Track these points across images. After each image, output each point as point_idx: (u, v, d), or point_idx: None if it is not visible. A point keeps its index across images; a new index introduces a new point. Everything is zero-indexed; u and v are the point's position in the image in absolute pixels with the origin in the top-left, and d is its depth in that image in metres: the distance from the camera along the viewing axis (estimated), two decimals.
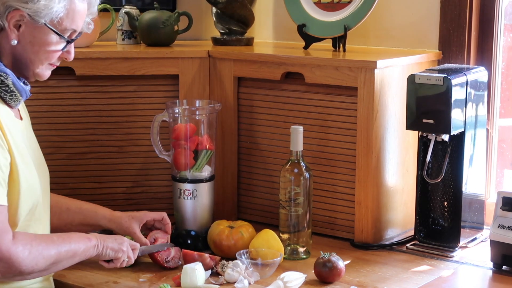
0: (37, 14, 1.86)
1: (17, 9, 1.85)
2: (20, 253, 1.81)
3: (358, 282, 2.13)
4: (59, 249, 1.90)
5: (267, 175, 2.61)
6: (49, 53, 1.93)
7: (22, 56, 1.91)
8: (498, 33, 2.54)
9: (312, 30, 2.63)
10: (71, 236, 1.96)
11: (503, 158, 2.64)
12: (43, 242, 1.87)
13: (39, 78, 1.97)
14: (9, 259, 1.79)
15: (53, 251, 1.88)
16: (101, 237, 2.02)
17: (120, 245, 2.04)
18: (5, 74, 1.87)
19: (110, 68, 2.58)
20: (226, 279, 2.13)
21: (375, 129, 2.36)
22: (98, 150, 2.62)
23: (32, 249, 1.83)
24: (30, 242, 1.84)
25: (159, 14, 2.72)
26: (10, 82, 1.88)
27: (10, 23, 1.86)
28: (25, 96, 1.94)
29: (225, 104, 2.59)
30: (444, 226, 2.38)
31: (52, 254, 1.88)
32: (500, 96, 2.58)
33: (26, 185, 1.90)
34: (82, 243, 1.96)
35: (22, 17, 1.87)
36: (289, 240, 2.33)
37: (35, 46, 1.90)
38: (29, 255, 1.82)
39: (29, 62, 1.92)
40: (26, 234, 1.88)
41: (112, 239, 2.04)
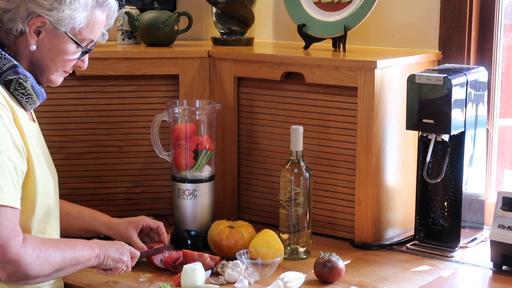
0: (59, 23, 1.88)
1: (40, 15, 1.86)
2: (28, 256, 1.81)
3: (358, 282, 2.13)
4: (64, 256, 1.90)
5: (267, 175, 2.61)
6: (65, 61, 1.95)
7: (39, 61, 1.92)
8: (498, 33, 2.54)
9: (312, 30, 2.63)
10: (76, 244, 1.96)
11: (503, 158, 2.64)
12: (51, 248, 1.87)
13: (52, 84, 1.99)
14: (17, 262, 1.79)
15: (59, 257, 1.89)
16: (104, 246, 2.02)
17: (121, 255, 2.04)
18: (24, 77, 1.88)
19: (110, 68, 2.58)
20: (226, 279, 2.13)
21: (375, 129, 2.36)
22: (98, 150, 2.62)
23: (40, 254, 1.84)
24: (39, 246, 1.84)
25: (159, 14, 2.72)
26: (29, 85, 1.89)
27: (31, 28, 1.87)
28: (42, 99, 1.96)
29: (225, 104, 2.59)
30: (444, 226, 2.38)
31: (57, 261, 1.88)
32: (500, 96, 2.58)
33: (43, 189, 1.91)
34: (85, 252, 1.96)
35: (44, 24, 1.88)
36: (289, 240, 2.33)
37: (52, 53, 1.92)
38: (37, 260, 1.83)
39: (45, 68, 1.93)
40: (36, 238, 1.88)
41: (114, 248, 2.04)
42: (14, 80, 1.86)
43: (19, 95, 1.89)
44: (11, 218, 1.79)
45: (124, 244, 2.09)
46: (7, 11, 1.87)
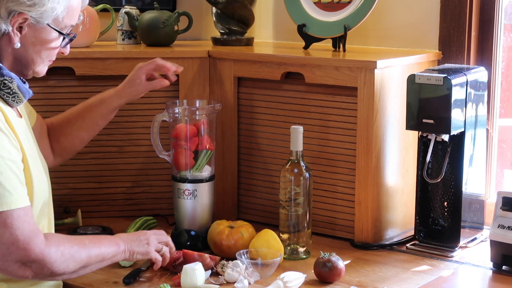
0: (41, 17, 1.88)
1: (21, 13, 1.86)
2: (52, 255, 1.82)
3: (358, 282, 2.13)
4: (90, 253, 1.92)
5: (267, 175, 2.61)
6: (50, 50, 1.95)
7: (23, 57, 1.92)
8: (498, 33, 2.54)
9: (312, 30, 2.63)
10: (101, 241, 1.99)
11: (503, 158, 2.64)
12: (75, 245, 1.89)
13: (37, 75, 1.99)
14: (42, 261, 1.81)
15: (84, 255, 1.90)
16: (128, 241, 2.04)
17: (147, 246, 2.06)
18: (10, 79, 1.88)
19: (110, 68, 2.58)
20: (226, 279, 2.13)
21: (375, 129, 2.36)
22: (98, 150, 2.62)
23: (65, 251, 1.86)
24: (62, 244, 1.86)
25: (159, 14, 2.72)
26: (15, 85, 1.89)
27: (14, 27, 1.87)
28: (28, 96, 1.95)
29: (225, 104, 2.59)
30: (444, 226, 2.38)
31: (82, 258, 1.90)
32: (500, 96, 2.58)
33: (37, 183, 1.92)
34: (111, 249, 1.98)
35: (25, 20, 1.88)
36: (289, 240, 2.33)
37: (36, 46, 1.92)
38: (61, 257, 1.84)
39: (30, 62, 1.94)
40: (58, 235, 1.90)
41: (137, 241, 2.06)
42: None
43: (4, 95, 1.89)
44: (26, 218, 1.81)
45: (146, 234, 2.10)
46: None
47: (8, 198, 1.77)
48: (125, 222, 2.54)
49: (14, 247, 1.78)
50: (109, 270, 2.20)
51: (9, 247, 1.78)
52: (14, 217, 1.78)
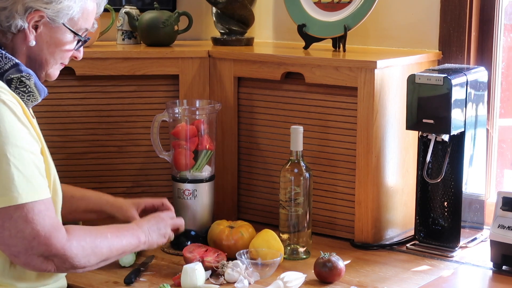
0: (57, 15, 1.88)
1: (38, 10, 1.86)
2: (74, 249, 1.83)
3: (358, 282, 2.13)
4: (111, 247, 1.93)
5: (267, 175, 2.61)
6: (64, 52, 1.95)
7: (37, 56, 1.92)
8: (498, 33, 2.54)
9: (312, 30, 2.63)
10: (123, 234, 1.98)
11: (503, 158, 2.64)
12: (98, 239, 1.89)
13: (49, 78, 1.98)
14: (63, 255, 1.81)
15: (105, 249, 1.91)
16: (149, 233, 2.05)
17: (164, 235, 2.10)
18: (27, 75, 1.87)
19: (110, 68, 2.58)
20: (226, 279, 2.13)
21: (375, 129, 2.36)
22: (98, 150, 2.62)
23: (86, 246, 1.86)
24: (84, 238, 1.86)
25: (159, 14, 2.72)
26: (32, 82, 1.88)
27: (30, 24, 1.87)
28: (43, 95, 1.95)
29: (225, 104, 2.59)
30: (444, 226, 2.38)
31: (104, 252, 1.90)
32: (500, 96, 2.58)
33: (53, 178, 1.93)
34: (133, 242, 2.00)
35: (41, 18, 1.88)
36: (289, 240, 2.33)
37: (51, 46, 1.92)
38: (83, 252, 1.85)
39: (44, 63, 1.93)
40: (80, 228, 1.89)
41: (157, 231, 2.08)
42: (15, 78, 1.86)
43: (20, 93, 1.89)
44: (47, 212, 1.80)
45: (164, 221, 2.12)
46: (3, 9, 1.86)
47: (28, 190, 1.76)
48: None
49: (36, 242, 1.78)
50: (109, 270, 2.20)
51: (31, 242, 1.78)
52: (35, 211, 1.77)
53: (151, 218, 2.12)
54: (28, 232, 1.77)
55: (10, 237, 1.77)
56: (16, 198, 1.75)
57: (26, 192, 1.76)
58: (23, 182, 1.75)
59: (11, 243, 1.77)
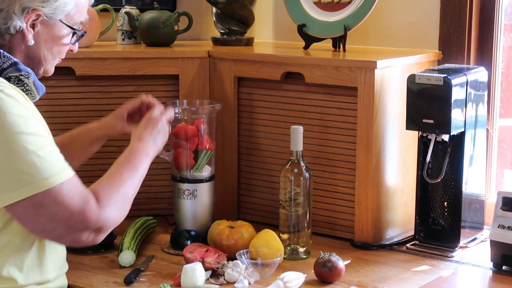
0: (54, 12, 1.89)
1: (35, 9, 1.87)
2: (109, 212, 1.85)
3: (358, 282, 2.13)
4: (134, 184, 1.95)
5: (267, 175, 2.61)
6: (61, 46, 1.95)
7: (36, 54, 1.92)
8: (498, 33, 2.54)
9: (312, 30, 2.63)
10: (136, 162, 1.99)
11: (503, 158, 2.64)
12: (120, 188, 1.91)
13: (47, 74, 1.99)
14: (103, 223, 1.84)
15: (131, 189, 1.94)
16: (153, 142, 2.08)
17: (165, 134, 2.12)
18: (26, 74, 1.88)
19: (110, 68, 2.58)
20: (226, 279, 2.13)
21: (375, 129, 2.36)
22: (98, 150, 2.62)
23: (117, 202, 1.88)
24: (112, 197, 1.88)
25: (159, 14, 2.72)
26: (31, 81, 1.89)
27: (28, 23, 1.87)
28: (42, 93, 1.95)
29: (225, 104, 2.59)
30: (444, 226, 2.38)
31: (131, 194, 1.94)
32: (500, 96, 2.58)
33: None
34: (146, 161, 2.02)
35: (38, 17, 1.88)
36: (289, 240, 2.33)
37: (48, 43, 1.92)
38: (116, 209, 1.88)
39: (42, 60, 1.94)
40: (103, 189, 1.89)
41: (156, 132, 2.09)
42: (13, 77, 1.86)
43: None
44: (75, 189, 1.81)
45: (161, 122, 2.12)
46: (0, 11, 1.86)
47: (54, 172, 1.77)
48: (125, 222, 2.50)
49: (72, 221, 1.79)
50: (109, 270, 2.21)
51: (68, 222, 1.79)
52: (64, 192, 1.78)
53: (146, 124, 2.11)
54: (61, 214, 1.78)
55: (47, 223, 1.78)
56: (43, 183, 1.76)
57: (51, 175, 1.77)
58: (46, 166, 1.76)
59: (49, 228, 1.79)
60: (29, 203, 1.75)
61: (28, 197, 1.75)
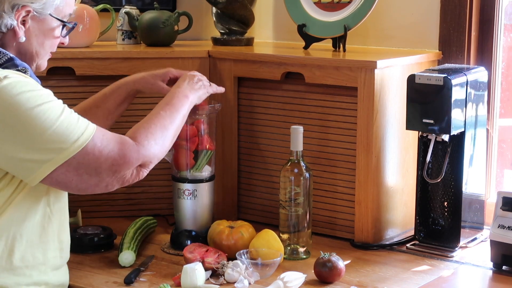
0: (43, 7, 1.90)
1: (24, 5, 1.87)
2: (149, 149, 1.90)
3: (358, 282, 2.13)
4: (172, 120, 2.02)
5: (267, 175, 2.61)
6: (52, 40, 1.96)
7: (27, 50, 1.93)
8: (498, 33, 2.54)
9: (312, 30, 2.63)
10: (172, 102, 2.06)
11: (503, 158, 2.64)
12: (157, 123, 1.97)
13: (39, 69, 2.00)
14: (144, 159, 1.90)
15: (171, 126, 2.01)
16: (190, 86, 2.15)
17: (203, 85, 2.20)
18: (23, 69, 1.88)
19: (110, 68, 2.58)
20: (226, 279, 2.13)
21: (375, 129, 2.36)
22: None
23: (156, 137, 1.94)
24: (147, 132, 1.93)
25: (159, 14, 2.72)
26: (28, 76, 1.89)
27: (18, 21, 1.88)
28: None
29: (225, 104, 2.59)
30: (444, 226, 2.38)
31: (170, 128, 2.00)
32: (500, 96, 2.58)
33: None
34: (183, 102, 2.08)
35: (28, 13, 1.88)
36: (289, 240, 2.33)
37: (40, 38, 1.93)
38: (155, 143, 1.93)
39: (34, 55, 1.95)
40: (137, 128, 1.94)
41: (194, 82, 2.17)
42: None
43: None
44: (104, 137, 1.85)
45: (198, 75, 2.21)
46: None
47: (81, 131, 1.81)
48: (125, 222, 2.54)
49: (116, 166, 1.84)
50: (109, 270, 2.21)
51: (112, 168, 1.84)
52: (97, 144, 1.82)
53: (184, 77, 2.19)
54: (104, 163, 1.83)
55: (91, 178, 1.83)
56: (77, 144, 1.79)
57: (80, 135, 1.80)
58: (72, 129, 1.80)
59: (95, 181, 1.84)
60: (68, 167, 1.80)
61: (66, 161, 1.79)
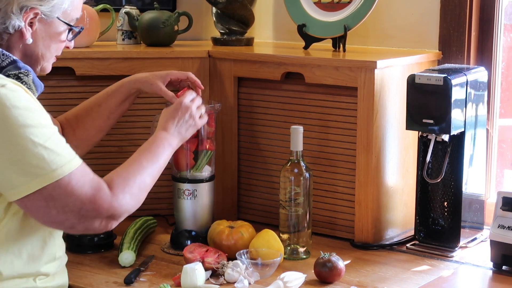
0: (52, 10, 1.89)
1: (33, 7, 1.87)
2: (122, 200, 1.84)
3: (358, 282, 2.13)
4: (153, 174, 1.96)
5: (267, 175, 2.61)
6: (58, 44, 1.96)
7: (33, 52, 1.92)
8: (498, 33, 2.54)
9: (312, 30, 2.63)
10: (157, 152, 2.00)
11: (503, 158, 2.64)
12: (137, 175, 1.91)
13: (44, 72, 1.99)
14: (115, 210, 1.83)
15: (149, 179, 1.94)
16: (178, 132, 2.09)
17: (193, 122, 2.13)
18: (26, 71, 1.87)
19: (110, 68, 2.58)
20: (226, 279, 2.13)
21: (375, 129, 2.36)
22: (98, 150, 2.62)
23: (132, 190, 1.87)
24: (127, 184, 1.87)
25: (159, 14, 2.72)
26: (30, 79, 1.88)
27: (26, 22, 1.87)
28: (40, 90, 1.95)
29: (225, 104, 2.59)
30: (444, 226, 2.38)
31: (148, 183, 1.93)
32: (500, 96, 2.58)
33: None
34: (168, 153, 2.03)
35: (36, 15, 1.88)
36: (289, 240, 2.33)
37: (46, 41, 1.92)
38: (131, 197, 1.86)
39: (40, 57, 1.94)
40: (118, 176, 1.89)
41: (185, 124, 2.11)
42: (12, 75, 1.85)
43: None
44: (84, 178, 1.80)
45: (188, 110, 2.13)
46: None
47: (62, 163, 1.77)
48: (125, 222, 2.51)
49: (84, 210, 1.79)
50: (109, 270, 2.21)
51: (80, 211, 1.79)
52: (73, 182, 1.78)
53: (174, 112, 2.12)
54: (73, 204, 1.78)
55: (58, 214, 1.78)
56: (52, 175, 1.75)
57: (60, 166, 1.76)
58: (53, 157, 1.76)
59: (61, 219, 1.79)
60: (39, 195, 1.76)
61: (38, 190, 1.75)
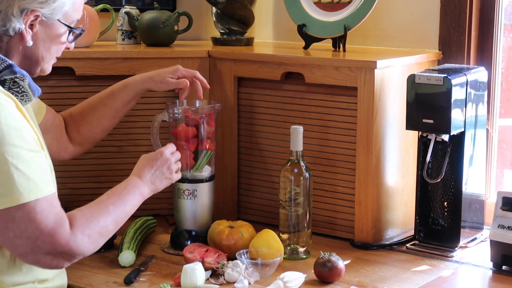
0: (52, 13, 1.89)
1: (33, 10, 1.86)
2: (79, 241, 1.80)
3: (358, 282, 2.13)
4: (117, 220, 1.91)
5: (267, 175, 2.61)
6: (59, 45, 1.96)
7: (33, 54, 1.92)
8: (498, 33, 2.54)
9: (312, 30, 2.63)
10: (126, 198, 1.96)
11: (503, 158, 2.64)
12: (101, 218, 1.87)
13: (43, 73, 1.98)
14: (69, 250, 1.78)
15: (111, 225, 1.89)
16: (152, 182, 2.06)
17: (169, 175, 2.10)
18: (21, 76, 1.87)
19: (110, 68, 2.58)
20: (226, 279, 2.13)
21: (375, 129, 2.36)
22: (98, 150, 2.62)
23: (92, 233, 1.83)
24: (87, 225, 1.83)
25: (159, 14, 2.72)
26: (26, 83, 1.88)
27: (26, 25, 1.87)
28: (37, 94, 1.94)
29: (225, 104, 2.59)
30: (444, 226, 2.38)
31: (110, 229, 1.89)
32: (500, 96, 2.58)
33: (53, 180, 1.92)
34: (136, 201, 1.99)
35: (37, 17, 1.88)
36: (289, 240, 2.33)
37: (46, 43, 1.92)
38: (89, 240, 1.82)
39: (40, 59, 1.93)
40: (82, 215, 1.85)
41: (160, 176, 2.08)
42: (8, 80, 1.85)
43: (13, 93, 1.87)
44: (51, 209, 1.77)
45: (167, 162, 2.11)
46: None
47: (30, 188, 1.74)
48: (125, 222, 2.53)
49: (40, 241, 1.75)
50: (109, 270, 2.21)
51: (35, 241, 1.75)
52: (37, 210, 1.74)
53: (153, 161, 2.10)
54: (31, 232, 1.74)
55: (15, 238, 1.75)
56: (18, 198, 1.72)
57: (27, 191, 1.73)
58: (23, 181, 1.73)
59: (16, 244, 1.76)
60: (1, 215, 1.73)
61: (1, 209, 1.72)
